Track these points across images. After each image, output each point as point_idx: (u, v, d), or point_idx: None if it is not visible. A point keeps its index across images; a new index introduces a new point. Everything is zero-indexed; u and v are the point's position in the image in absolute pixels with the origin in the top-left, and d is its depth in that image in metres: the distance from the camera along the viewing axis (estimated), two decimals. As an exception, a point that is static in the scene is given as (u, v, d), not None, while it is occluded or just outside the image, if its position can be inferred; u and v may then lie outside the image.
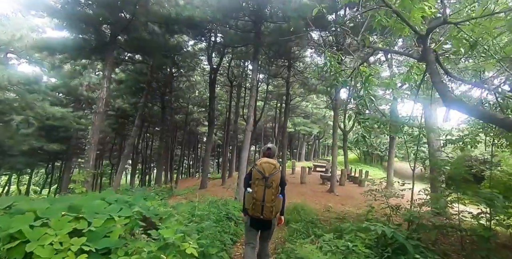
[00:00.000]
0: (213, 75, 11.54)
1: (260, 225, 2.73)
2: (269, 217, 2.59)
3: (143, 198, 6.64)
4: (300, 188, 10.35)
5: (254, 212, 2.60)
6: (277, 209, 2.63)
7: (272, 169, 2.60)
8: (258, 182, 2.57)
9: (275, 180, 2.57)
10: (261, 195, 2.55)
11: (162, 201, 7.82)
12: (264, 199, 2.54)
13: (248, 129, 7.49)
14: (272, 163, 2.65)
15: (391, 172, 11.84)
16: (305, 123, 24.46)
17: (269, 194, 2.55)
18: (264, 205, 2.55)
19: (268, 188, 2.55)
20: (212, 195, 9.54)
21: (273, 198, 2.56)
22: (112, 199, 3.59)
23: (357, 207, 7.42)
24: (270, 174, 2.58)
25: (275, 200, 2.57)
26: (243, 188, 3.12)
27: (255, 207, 2.58)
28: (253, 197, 2.57)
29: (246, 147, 7.41)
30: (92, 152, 7.44)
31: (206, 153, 11.17)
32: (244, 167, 7.48)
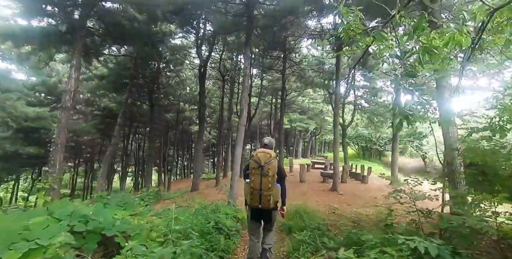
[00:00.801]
0: (202, 68, 10.69)
1: (261, 216, 2.80)
2: (267, 206, 2.63)
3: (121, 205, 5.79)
4: (300, 187, 9.61)
5: (252, 202, 2.66)
6: (275, 198, 2.65)
7: (268, 158, 2.63)
8: (255, 171, 2.62)
9: (271, 169, 2.59)
10: (258, 183, 2.59)
11: (147, 207, 6.99)
12: (261, 187, 2.58)
13: (241, 123, 6.70)
14: (268, 152, 2.69)
15: (395, 167, 11.20)
16: (301, 119, 23.77)
17: (265, 182, 2.57)
18: (262, 194, 2.59)
19: (264, 176, 2.58)
20: (204, 198, 8.74)
21: (270, 186, 2.58)
22: (64, 214, 2.77)
23: (365, 206, 6.71)
24: (266, 163, 2.60)
25: (272, 189, 2.59)
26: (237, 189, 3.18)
27: (253, 197, 2.63)
28: (251, 186, 2.63)
29: (240, 143, 6.62)
30: (58, 154, 6.47)
31: (197, 152, 10.34)
32: (238, 166, 6.69)
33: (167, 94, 17.95)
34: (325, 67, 13.15)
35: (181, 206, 7.55)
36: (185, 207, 7.44)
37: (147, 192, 9.77)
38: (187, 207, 7.24)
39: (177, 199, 8.64)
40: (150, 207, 7.83)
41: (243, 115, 6.78)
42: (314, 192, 8.51)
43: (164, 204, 8.19)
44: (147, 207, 7.76)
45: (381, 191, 9.31)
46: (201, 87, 10.46)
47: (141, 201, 9.01)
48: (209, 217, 4.70)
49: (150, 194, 9.41)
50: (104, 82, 11.92)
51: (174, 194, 9.94)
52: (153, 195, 9.25)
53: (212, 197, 8.27)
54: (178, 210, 6.71)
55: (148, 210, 7.01)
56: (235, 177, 6.62)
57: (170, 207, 7.33)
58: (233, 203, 6.09)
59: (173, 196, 9.43)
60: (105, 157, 9.53)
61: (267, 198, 2.60)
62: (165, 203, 8.28)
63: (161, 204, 8.31)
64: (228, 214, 4.81)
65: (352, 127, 19.95)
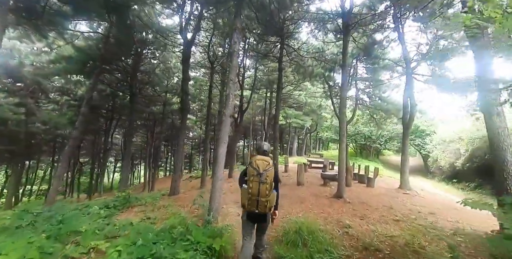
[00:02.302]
0: (187, 50, 8.98)
1: (256, 219, 2.87)
2: (264, 211, 2.74)
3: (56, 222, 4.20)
4: (297, 191, 8.10)
5: (250, 207, 2.75)
6: (271, 203, 2.76)
7: (266, 166, 2.72)
8: (253, 178, 2.70)
9: (269, 176, 2.70)
10: (256, 190, 2.68)
11: (106, 219, 5.35)
12: (259, 194, 2.68)
13: (226, 113, 5.10)
14: (266, 160, 2.77)
15: (405, 169, 9.76)
16: (297, 115, 22.25)
17: (263, 189, 2.68)
18: (259, 200, 2.69)
19: (262, 183, 2.67)
20: (182, 205, 7.15)
21: (267, 193, 2.68)
22: None
23: (383, 221, 5.22)
24: (264, 170, 2.70)
25: (269, 195, 2.70)
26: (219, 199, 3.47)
27: (251, 202, 2.73)
28: (249, 192, 2.72)
29: (224, 138, 5.02)
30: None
31: (178, 148, 8.70)
32: (220, 168, 5.10)
33: (153, 84, 16.14)
34: (327, 56, 11.56)
35: (148, 219, 5.95)
36: (152, 220, 5.86)
37: (114, 197, 8.14)
38: (154, 222, 5.66)
39: (149, 207, 7.01)
40: (110, 219, 6.20)
41: (229, 103, 5.17)
42: (315, 199, 6.99)
43: (130, 214, 6.56)
44: (106, 219, 6.13)
45: (393, 197, 7.87)
46: (185, 73, 8.77)
47: (104, 210, 7.36)
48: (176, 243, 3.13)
49: (118, 198, 7.79)
50: (68, 64, 10.03)
51: (148, 198, 8.29)
52: (121, 200, 7.62)
53: (192, 205, 6.70)
54: (140, 226, 5.12)
55: (102, 225, 5.40)
56: (217, 183, 5.02)
57: (134, 220, 5.73)
58: (211, 220, 4.50)
59: (147, 200, 7.78)
60: (64, 153, 7.77)
61: (264, 204, 2.69)
62: (132, 213, 6.65)
63: (127, 213, 6.67)
64: (200, 243, 3.22)
65: (352, 123, 18.52)
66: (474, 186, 13.77)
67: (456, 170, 15.36)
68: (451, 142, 17.59)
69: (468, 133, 14.95)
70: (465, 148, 14.78)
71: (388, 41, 12.37)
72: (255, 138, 37.27)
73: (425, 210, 6.42)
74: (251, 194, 2.70)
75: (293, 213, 5.77)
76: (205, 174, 10.68)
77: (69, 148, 7.73)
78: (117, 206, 7.33)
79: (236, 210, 6.17)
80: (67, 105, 17.34)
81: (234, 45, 5.42)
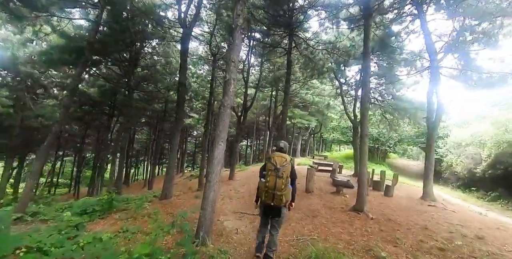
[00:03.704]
0: (185, 37, 7.73)
1: (271, 212, 2.98)
2: (279, 204, 2.85)
3: None
4: (306, 201, 6.76)
5: (266, 199, 2.87)
6: (287, 198, 2.88)
7: (283, 162, 2.87)
8: (271, 173, 2.84)
9: (285, 172, 2.83)
10: (273, 184, 2.81)
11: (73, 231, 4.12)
12: (276, 187, 2.80)
13: (225, 104, 3.83)
14: (284, 156, 2.94)
15: (430, 176, 8.31)
16: (302, 115, 20.87)
17: (279, 183, 2.80)
18: (275, 194, 2.80)
19: (279, 178, 2.80)
20: (171, 214, 5.88)
21: (283, 187, 2.81)
22: None
23: (424, 250, 3.86)
24: (281, 166, 2.83)
25: (285, 189, 2.82)
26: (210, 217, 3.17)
27: (267, 195, 2.85)
28: (266, 185, 2.85)
29: (222, 135, 3.74)
30: None
31: (171, 147, 7.43)
32: (216, 174, 3.81)
33: (153, 80, 14.94)
34: (340, 48, 10.17)
35: (126, 231, 4.68)
36: (130, 234, 4.59)
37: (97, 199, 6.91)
38: (131, 237, 4.38)
39: (133, 213, 5.74)
40: (80, 230, 4.95)
41: (229, 90, 3.89)
42: (330, 213, 5.64)
43: (109, 223, 5.31)
44: (73, 230, 4.87)
45: (420, 212, 6.46)
46: (182, 62, 7.52)
47: (79, 216, 6.12)
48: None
49: (100, 202, 6.55)
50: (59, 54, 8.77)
51: (137, 201, 7.04)
52: (104, 204, 6.39)
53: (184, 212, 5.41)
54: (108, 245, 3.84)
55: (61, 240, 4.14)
56: (210, 194, 3.73)
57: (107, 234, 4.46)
58: (206, 242, 3.23)
59: (134, 205, 6.53)
60: (41, 148, 6.55)
61: (279, 198, 2.81)
62: (112, 221, 5.40)
63: (107, 221, 5.42)
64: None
65: (365, 124, 17.03)
66: (496, 196, 12.23)
67: (475, 177, 13.82)
68: (468, 146, 16.03)
69: (492, 136, 13.39)
70: (487, 152, 13.23)
71: (407, 32, 10.95)
72: (258, 138, 35.98)
73: (467, 231, 5.03)
74: (268, 188, 2.82)
75: (304, 232, 4.44)
76: (203, 175, 9.39)
77: (48, 143, 6.53)
78: (97, 212, 6.10)
79: (235, 223, 4.87)
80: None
81: (236, 19, 4.14)
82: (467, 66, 10.04)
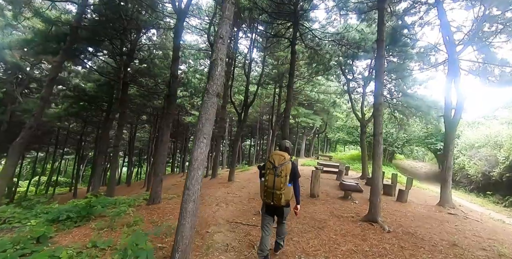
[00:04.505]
0: (179, 22, 6.92)
1: (273, 211, 2.92)
2: (279, 203, 2.75)
3: None
4: (311, 207, 5.90)
5: (266, 199, 2.82)
6: (287, 197, 2.76)
7: (282, 160, 2.77)
8: (269, 172, 2.77)
9: (284, 170, 2.72)
10: (271, 183, 2.73)
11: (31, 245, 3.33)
12: (274, 186, 2.72)
13: (210, 90, 3.00)
14: (282, 154, 2.82)
15: (448, 180, 7.38)
16: (306, 114, 19.95)
17: (278, 182, 2.70)
18: (274, 193, 2.72)
19: (277, 176, 2.71)
20: (154, 223, 5.07)
21: (282, 186, 2.70)
22: None
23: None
24: (279, 164, 2.74)
25: (284, 188, 2.71)
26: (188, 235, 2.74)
27: (267, 194, 2.79)
28: (265, 185, 2.80)
29: (205, 130, 2.90)
30: None
31: (161, 145, 6.62)
32: (196, 180, 3.00)
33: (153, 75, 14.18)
34: (349, 39, 9.24)
35: (95, 246, 3.90)
36: (98, 251, 3.80)
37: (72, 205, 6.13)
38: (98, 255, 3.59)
39: (111, 222, 4.94)
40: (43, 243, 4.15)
41: (215, 74, 3.06)
42: (339, 224, 4.77)
43: (81, 233, 4.52)
44: (31, 245, 4.08)
45: (441, 222, 5.56)
46: (175, 51, 6.71)
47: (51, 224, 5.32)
48: None
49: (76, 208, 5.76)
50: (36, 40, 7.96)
51: (122, 206, 6.24)
52: (81, 210, 5.60)
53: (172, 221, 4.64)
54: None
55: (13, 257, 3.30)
56: (188, 206, 2.91)
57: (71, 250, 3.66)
58: None
59: (116, 211, 5.73)
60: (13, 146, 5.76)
61: (278, 197, 2.71)
62: (87, 230, 4.61)
63: (80, 231, 4.64)
64: None
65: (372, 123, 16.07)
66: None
67: (491, 181, 12.78)
68: (481, 147, 14.97)
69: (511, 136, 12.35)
70: (504, 154, 12.20)
71: (420, 24, 10.00)
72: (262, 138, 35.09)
73: (504, 249, 4.14)
74: (266, 187, 2.77)
75: (309, 251, 3.58)
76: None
77: (21, 140, 5.77)
78: (72, 219, 5.30)
79: (226, 237, 4.05)
80: (63, 96, 15.59)
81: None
82: (488, 60, 9.06)
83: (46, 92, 6.35)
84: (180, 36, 7.15)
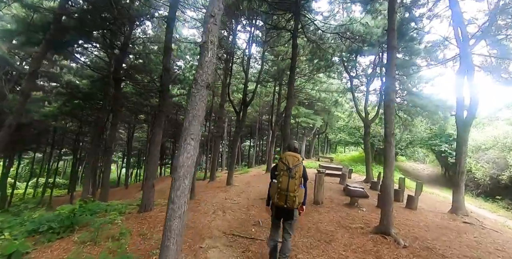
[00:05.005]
0: (171, 9, 6.39)
1: (284, 214, 2.83)
2: (292, 206, 2.70)
3: None
4: (315, 216, 5.34)
5: (279, 201, 2.71)
6: (300, 199, 2.73)
7: (296, 161, 2.74)
8: (283, 173, 2.71)
9: (298, 172, 2.70)
10: (285, 185, 2.67)
11: None
12: (288, 188, 2.66)
13: (199, 80, 2.42)
14: (296, 156, 2.80)
15: (462, 185, 6.88)
16: (307, 114, 19.38)
17: (292, 184, 2.66)
18: (288, 195, 2.66)
19: (292, 178, 2.66)
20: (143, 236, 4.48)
21: (295, 188, 2.67)
22: None
23: None
24: (294, 166, 2.70)
25: (297, 190, 2.68)
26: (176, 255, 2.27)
27: (280, 197, 2.70)
28: (278, 186, 2.71)
29: (193, 129, 2.33)
30: None
31: (152, 147, 6.05)
32: (182, 190, 2.43)
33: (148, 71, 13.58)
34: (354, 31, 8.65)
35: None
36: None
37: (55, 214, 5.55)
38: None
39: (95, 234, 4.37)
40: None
41: (205, 60, 2.50)
42: (348, 237, 4.21)
43: (66, 247, 3.95)
44: None
45: (458, 233, 5.02)
46: (167, 42, 6.17)
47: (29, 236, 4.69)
48: None
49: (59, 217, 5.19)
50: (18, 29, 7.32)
51: (112, 214, 5.67)
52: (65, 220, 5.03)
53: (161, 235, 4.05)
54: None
55: None
56: (174, 220, 2.36)
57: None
58: None
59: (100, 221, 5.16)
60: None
61: (292, 199, 2.66)
62: (69, 244, 4.04)
63: (63, 243, 4.07)
64: None
65: (376, 123, 15.58)
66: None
67: (500, 185, 12.27)
68: (488, 150, 14.45)
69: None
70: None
71: (429, 17, 9.47)
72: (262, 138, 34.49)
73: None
74: (280, 189, 2.69)
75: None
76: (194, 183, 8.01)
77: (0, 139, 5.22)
78: (54, 230, 4.72)
79: (222, 254, 3.50)
80: (56, 93, 14.98)
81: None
82: (502, 55, 8.54)
83: (27, 86, 5.80)
84: (173, 26, 6.60)
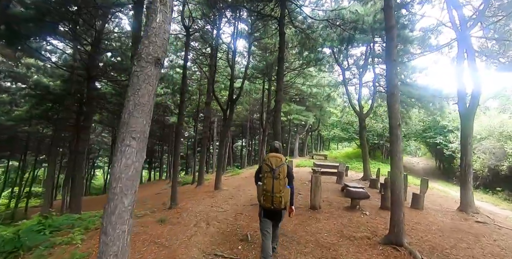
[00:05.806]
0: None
1: (272, 215, 2.82)
2: (279, 207, 2.70)
3: None
4: (313, 224, 4.65)
5: (265, 203, 2.73)
6: (286, 199, 2.72)
7: (279, 162, 2.74)
8: (267, 175, 2.72)
9: (282, 172, 2.70)
10: (270, 186, 2.68)
11: None
12: (273, 190, 2.67)
13: (143, 54, 1.62)
14: (278, 156, 2.81)
15: (469, 180, 6.36)
16: (298, 110, 18.79)
17: (277, 185, 2.67)
18: (274, 196, 2.67)
19: (276, 179, 2.67)
20: None
21: (281, 188, 2.68)
22: None
23: None
24: (277, 167, 2.70)
25: (283, 190, 2.69)
26: None
27: (266, 198, 2.71)
28: (263, 188, 2.72)
29: (134, 125, 1.49)
30: None
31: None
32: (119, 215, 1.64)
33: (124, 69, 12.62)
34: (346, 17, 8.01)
35: None
36: None
37: None
38: None
39: None
40: None
41: (152, 26, 1.72)
42: (352, 250, 3.53)
43: None
44: None
45: (475, 235, 4.44)
46: (135, 32, 5.33)
47: None
48: None
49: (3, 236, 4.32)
50: None
51: (75, 233, 4.82)
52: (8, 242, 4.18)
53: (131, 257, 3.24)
54: None
55: None
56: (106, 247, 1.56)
57: None
58: None
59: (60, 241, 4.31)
60: None
61: (278, 200, 2.67)
62: None
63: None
64: None
65: (370, 117, 15.11)
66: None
67: (500, 176, 11.98)
68: (484, 140, 14.22)
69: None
70: (512, 146, 11.40)
71: (420, 2, 9.00)
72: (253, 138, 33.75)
73: None
74: (265, 190, 2.70)
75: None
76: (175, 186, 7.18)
77: None
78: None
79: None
80: (23, 95, 13.79)
81: None
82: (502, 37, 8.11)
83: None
84: (141, 13, 5.76)
